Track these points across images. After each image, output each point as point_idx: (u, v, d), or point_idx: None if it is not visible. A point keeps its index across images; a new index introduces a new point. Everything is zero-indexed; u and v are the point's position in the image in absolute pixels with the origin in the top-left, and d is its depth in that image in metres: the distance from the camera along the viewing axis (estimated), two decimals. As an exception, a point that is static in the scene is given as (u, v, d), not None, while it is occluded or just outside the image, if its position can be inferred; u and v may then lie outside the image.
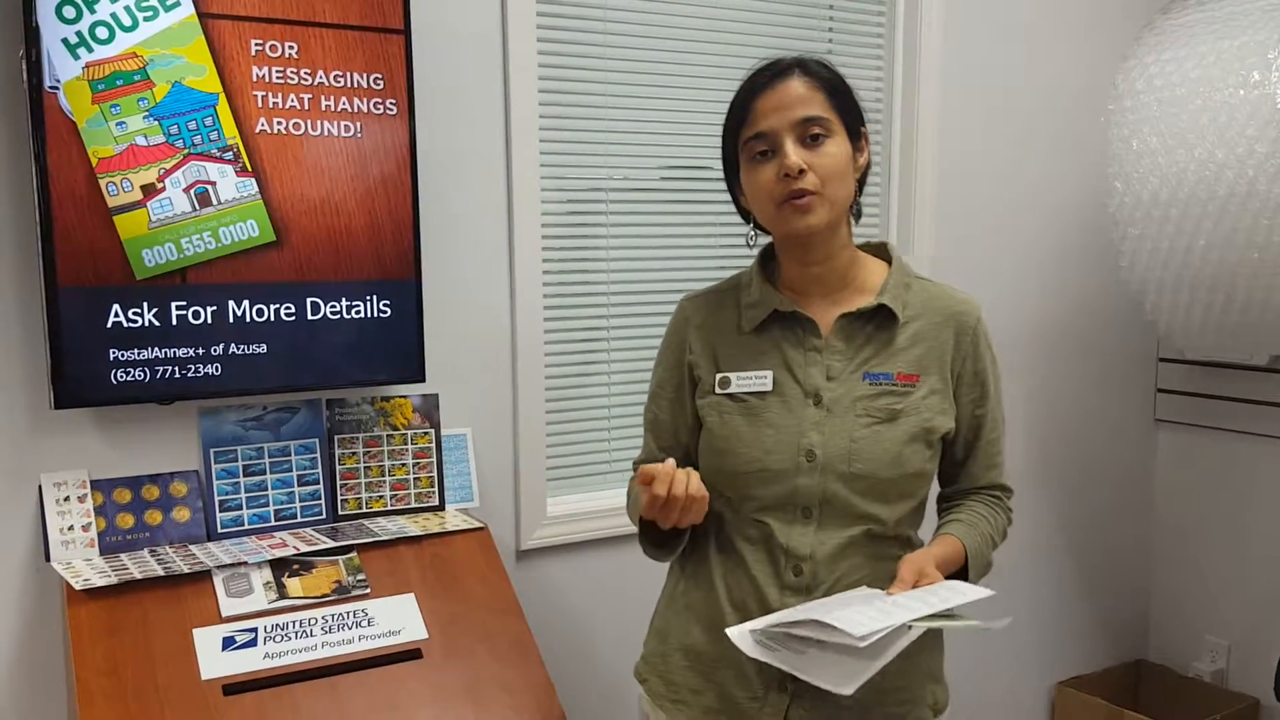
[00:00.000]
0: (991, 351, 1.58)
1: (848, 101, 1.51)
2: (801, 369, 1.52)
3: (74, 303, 1.72)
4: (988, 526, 1.57)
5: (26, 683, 1.83)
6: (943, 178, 2.70)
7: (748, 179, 1.51)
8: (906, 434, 1.49)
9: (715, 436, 1.54)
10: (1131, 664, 3.24)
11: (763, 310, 1.55)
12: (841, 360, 1.51)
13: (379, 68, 1.92)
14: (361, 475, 2.02)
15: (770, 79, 1.48)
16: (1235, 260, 2.39)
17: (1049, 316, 2.95)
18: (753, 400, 1.52)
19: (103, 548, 1.80)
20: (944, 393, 1.53)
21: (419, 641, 1.77)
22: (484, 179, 2.16)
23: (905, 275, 1.57)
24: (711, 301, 1.62)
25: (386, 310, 1.96)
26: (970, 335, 1.55)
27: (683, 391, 1.61)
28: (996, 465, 1.60)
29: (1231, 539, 3.03)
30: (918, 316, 1.54)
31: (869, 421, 1.48)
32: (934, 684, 1.58)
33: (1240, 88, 2.34)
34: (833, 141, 1.47)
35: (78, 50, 1.70)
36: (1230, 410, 2.99)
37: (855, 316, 1.52)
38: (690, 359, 1.60)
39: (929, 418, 1.50)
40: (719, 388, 1.55)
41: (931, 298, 1.56)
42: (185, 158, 1.79)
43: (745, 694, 1.51)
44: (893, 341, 1.52)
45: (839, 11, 2.57)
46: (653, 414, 1.65)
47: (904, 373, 1.51)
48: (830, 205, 1.46)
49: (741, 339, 1.56)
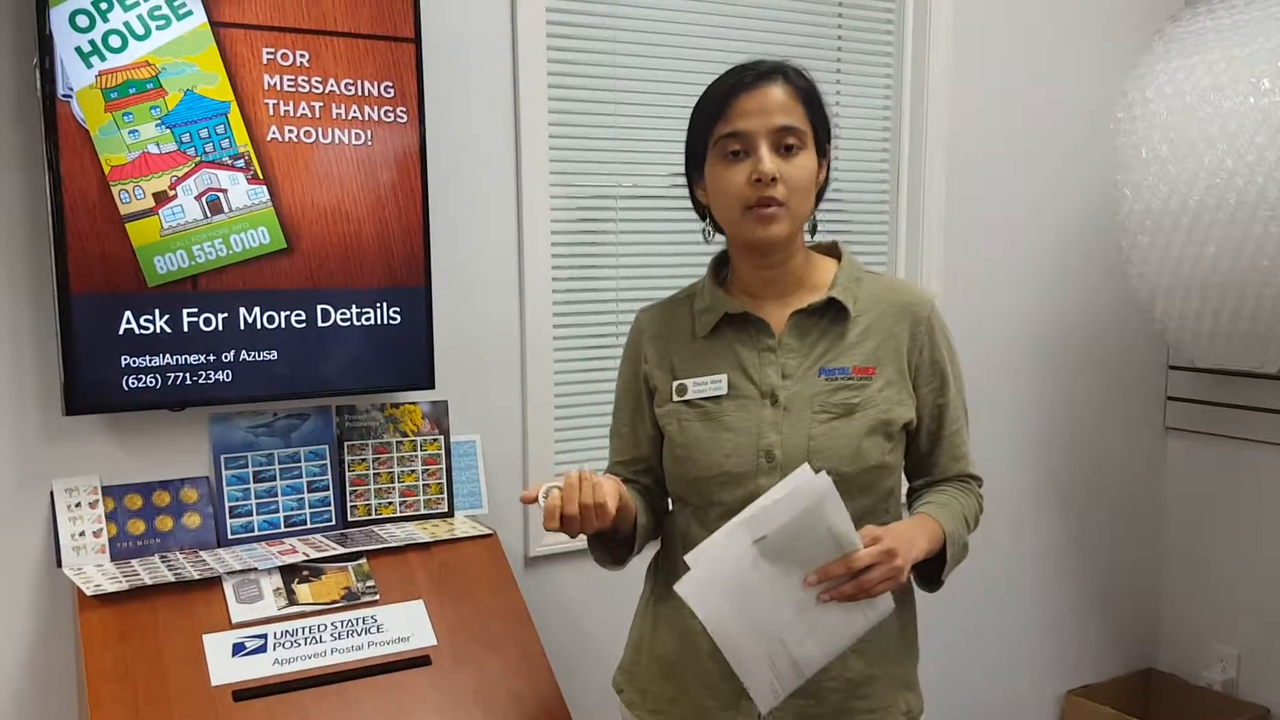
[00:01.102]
0: (948, 341, 1.58)
1: (821, 116, 1.52)
2: (757, 370, 1.52)
3: (86, 309, 1.73)
4: (960, 507, 1.55)
5: (38, 688, 1.84)
6: (951, 185, 2.70)
7: (714, 176, 1.50)
8: (864, 427, 1.48)
9: (676, 444, 1.55)
10: (1141, 673, 3.22)
11: (714, 315, 1.55)
12: (796, 358, 1.52)
13: (389, 76, 1.93)
14: (371, 482, 2.03)
15: (754, 80, 1.48)
16: (1245, 268, 2.39)
17: (1058, 324, 2.95)
18: (709, 405, 1.52)
19: (114, 553, 1.81)
20: (900, 384, 1.52)
21: (428, 648, 1.77)
22: (493, 186, 2.16)
23: (855, 270, 1.57)
24: (665, 312, 1.64)
25: (396, 317, 1.97)
26: (925, 326, 1.55)
27: (641, 403, 1.62)
28: (963, 455, 1.60)
29: (1242, 547, 3.02)
30: (870, 310, 1.54)
31: (826, 417, 1.48)
32: (906, 691, 1.58)
33: (1250, 95, 2.33)
34: (805, 154, 1.48)
35: (90, 59, 1.71)
36: (1240, 418, 2.98)
37: (807, 313, 1.53)
38: (646, 369, 1.61)
39: (887, 409, 1.50)
40: (676, 395, 1.55)
41: (883, 291, 1.56)
42: (197, 165, 1.79)
43: (716, 703, 1.51)
44: (845, 336, 1.52)
45: (847, 17, 2.57)
46: (613, 428, 1.67)
47: (859, 366, 1.51)
48: (793, 218, 1.48)
49: (696, 345, 1.57)
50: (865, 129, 2.64)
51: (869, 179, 2.66)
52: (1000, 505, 2.90)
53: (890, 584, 1.36)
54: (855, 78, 2.61)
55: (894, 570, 1.36)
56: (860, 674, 1.51)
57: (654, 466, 1.63)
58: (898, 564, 1.36)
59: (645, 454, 1.63)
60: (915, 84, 2.63)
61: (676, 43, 2.35)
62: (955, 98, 2.68)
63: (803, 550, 1.34)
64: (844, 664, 1.47)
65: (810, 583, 1.34)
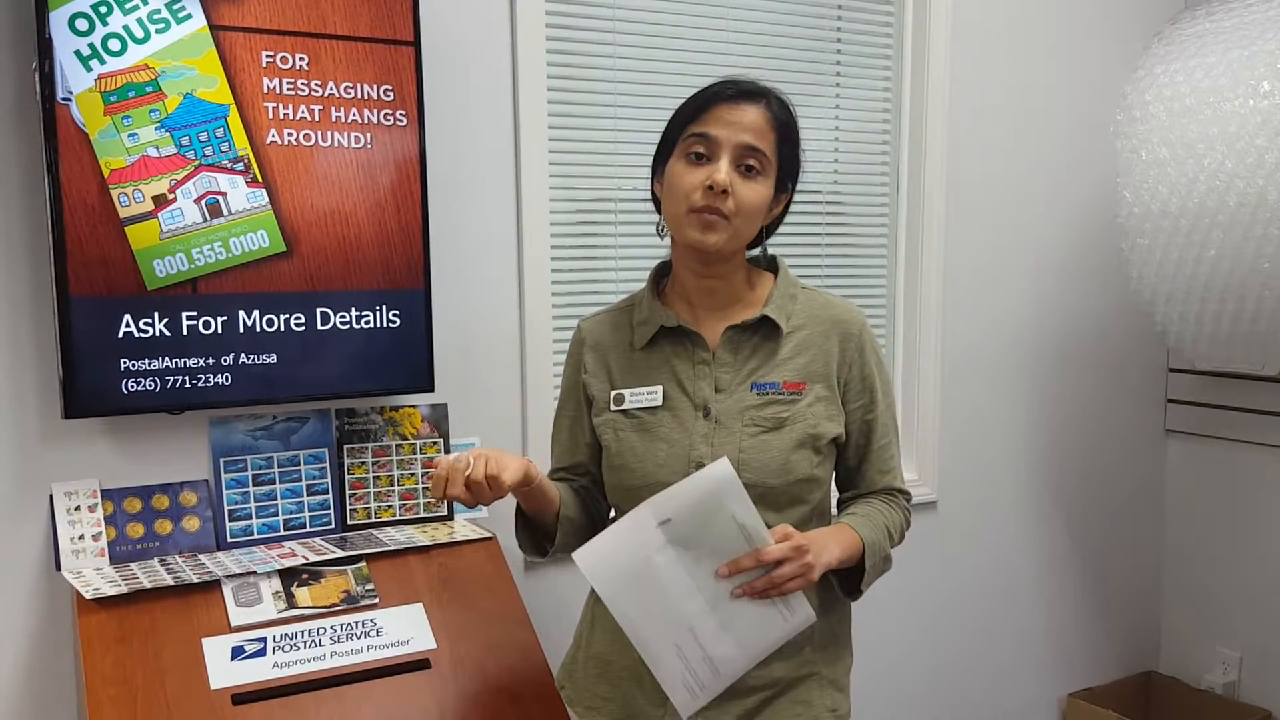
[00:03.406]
0: (878, 357, 1.60)
1: (792, 151, 1.54)
2: (691, 382, 1.54)
3: (85, 313, 1.73)
4: (884, 519, 1.57)
5: (37, 691, 1.84)
6: (951, 188, 2.70)
7: (672, 171, 1.52)
8: (793, 441, 1.50)
9: (612, 454, 1.57)
10: (1142, 675, 3.22)
11: (651, 327, 1.58)
12: (729, 372, 1.54)
13: (389, 79, 1.93)
14: (370, 485, 2.03)
15: (737, 95, 1.50)
16: (1245, 270, 2.39)
17: (1058, 327, 2.95)
18: (645, 416, 1.55)
19: (113, 557, 1.81)
20: (830, 399, 1.55)
21: (427, 651, 1.77)
22: (493, 189, 2.16)
23: (791, 287, 1.59)
24: (607, 322, 1.65)
25: (396, 320, 1.97)
26: (855, 342, 1.57)
27: (580, 411, 1.65)
28: (891, 470, 1.62)
29: (1242, 549, 3.02)
30: (803, 326, 1.56)
31: (756, 431, 1.50)
32: (835, 691, 1.59)
33: (1250, 98, 2.33)
34: (762, 181, 1.50)
35: (90, 62, 1.71)
36: (1240, 421, 2.97)
37: (741, 329, 1.55)
38: (584, 379, 1.63)
39: (815, 424, 1.52)
40: (614, 404, 1.58)
41: (817, 307, 1.59)
42: (196, 169, 1.80)
43: (646, 700, 1.53)
44: (777, 352, 1.55)
45: (846, 23, 2.57)
46: (553, 434, 1.71)
47: (790, 381, 1.53)
48: (733, 235, 1.49)
49: (634, 356, 1.59)
50: (865, 133, 2.64)
51: (869, 183, 2.66)
52: (1000, 508, 2.91)
53: (801, 582, 1.39)
54: (855, 82, 2.61)
55: (804, 567, 1.39)
56: (788, 673, 1.53)
57: (592, 471, 1.66)
58: (807, 560, 1.39)
59: (583, 460, 1.66)
60: (915, 88, 2.64)
61: (675, 46, 2.36)
62: (955, 101, 2.68)
63: (711, 540, 1.38)
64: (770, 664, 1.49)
65: (722, 574, 1.38)
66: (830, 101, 2.56)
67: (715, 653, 1.40)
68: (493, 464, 1.45)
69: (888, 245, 2.70)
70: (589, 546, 1.40)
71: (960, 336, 2.76)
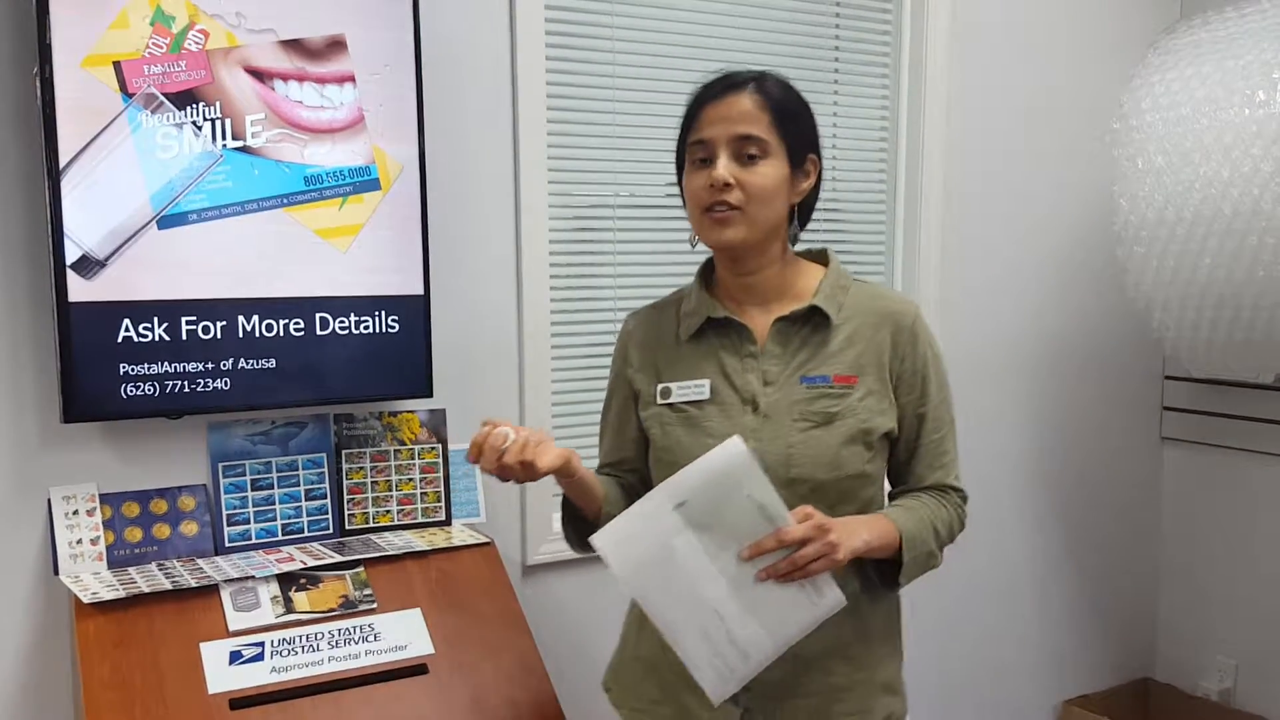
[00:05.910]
0: (933, 350, 1.58)
1: (795, 126, 1.52)
2: (739, 375, 1.53)
3: (85, 317, 1.73)
4: (929, 514, 1.54)
5: (34, 696, 1.83)
6: (948, 195, 2.70)
7: (685, 181, 1.54)
8: (844, 436, 1.49)
9: (659, 448, 1.56)
10: (1138, 683, 3.22)
11: (698, 318, 1.57)
12: (778, 365, 1.53)
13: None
14: (369, 490, 2.03)
15: (721, 91, 1.50)
16: (1241, 278, 2.39)
17: (1055, 334, 2.96)
18: (692, 410, 1.54)
19: (111, 561, 1.81)
20: (882, 393, 1.53)
21: (425, 657, 1.77)
22: (492, 196, 2.17)
23: (841, 278, 1.58)
24: (653, 315, 1.65)
25: (394, 326, 1.97)
26: (908, 334, 1.55)
27: (627, 406, 1.64)
28: (943, 465, 1.58)
29: (1238, 557, 3.02)
30: (853, 318, 1.55)
31: (806, 425, 1.49)
32: (889, 695, 1.58)
33: (1245, 106, 2.34)
34: (768, 163, 1.48)
35: (91, 67, 1.71)
36: (1237, 428, 2.98)
37: (790, 320, 1.54)
38: (630, 373, 1.63)
39: (866, 419, 1.50)
40: (660, 398, 1.57)
41: (869, 299, 1.57)
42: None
43: (697, 701, 1.50)
44: (828, 343, 1.53)
45: (845, 26, 2.59)
46: (600, 429, 1.71)
47: (841, 374, 1.51)
48: (751, 224, 1.48)
49: (680, 348, 1.59)
50: (862, 139, 2.65)
51: (866, 189, 2.67)
52: (997, 515, 2.91)
53: (825, 563, 1.35)
54: (853, 88, 2.62)
55: (827, 546, 1.35)
56: (843, 678, 1.51)
57: (639, 468, 1.65)
58: (830, 539, 1.35)
59: (630, 455, 1.65)
60: (913, 94, 2.65)
61: (675, 52, 2.36)
62: (952, 108, 2.69)
63: (730, 521, 1.35)
64: (824, 667, 1.48)
65: (744, 557, 1.35)
66: (828, 107, 2.57)
67: (742, 634, 1.36)
68: (529, 449, 1.41)
69: (884, 251, 2.71)
70: (607, 530, 1.38)
71: (956, 343, 2.77)
